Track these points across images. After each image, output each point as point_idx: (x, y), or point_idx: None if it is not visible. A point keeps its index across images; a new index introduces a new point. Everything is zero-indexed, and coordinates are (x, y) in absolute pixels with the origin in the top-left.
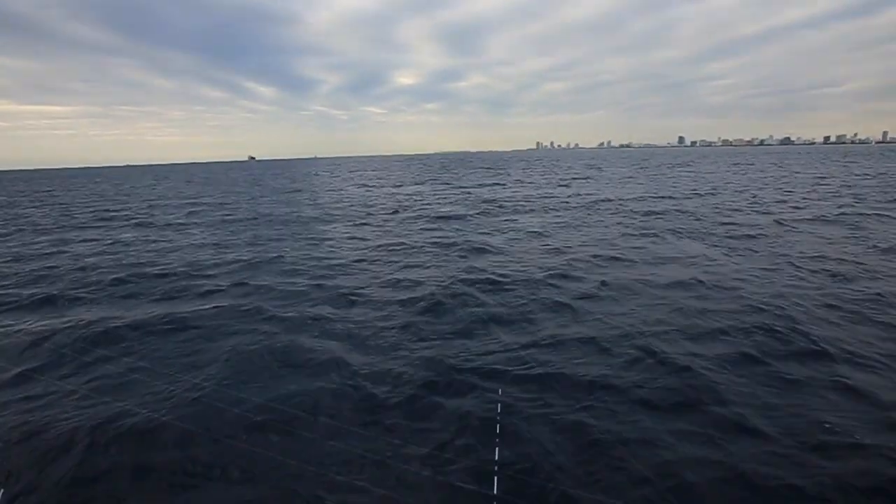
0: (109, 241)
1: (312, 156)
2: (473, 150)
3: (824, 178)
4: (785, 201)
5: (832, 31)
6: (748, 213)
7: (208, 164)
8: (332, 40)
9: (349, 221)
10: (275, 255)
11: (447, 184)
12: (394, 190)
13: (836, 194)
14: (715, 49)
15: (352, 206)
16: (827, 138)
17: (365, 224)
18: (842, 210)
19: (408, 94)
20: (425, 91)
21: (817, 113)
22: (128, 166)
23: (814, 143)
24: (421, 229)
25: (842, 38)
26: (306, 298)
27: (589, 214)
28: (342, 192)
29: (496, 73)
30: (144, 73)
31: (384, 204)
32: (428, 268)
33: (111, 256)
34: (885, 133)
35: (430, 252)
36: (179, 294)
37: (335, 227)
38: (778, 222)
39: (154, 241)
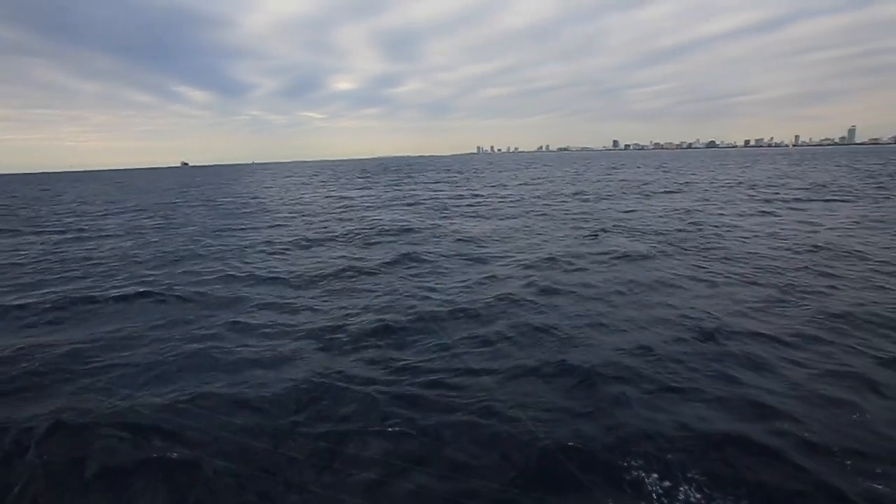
0: None
1: (250, 161)
2: (414, 154)
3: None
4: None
5: (748, 44)
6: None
7: (137, 170)
8: (268, 44)
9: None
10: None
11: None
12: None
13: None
14: (644, 58)
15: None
16: (747, 142)
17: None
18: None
19: (347, 100)
20: (364, 96)
21: (738, 119)
22: (44, 173)
23: (735, 146)
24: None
25: (757, 51)
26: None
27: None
28: (298, 200)
29: (435, 79)
30: (64, 74)
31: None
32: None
33: None
34: (796, 137)
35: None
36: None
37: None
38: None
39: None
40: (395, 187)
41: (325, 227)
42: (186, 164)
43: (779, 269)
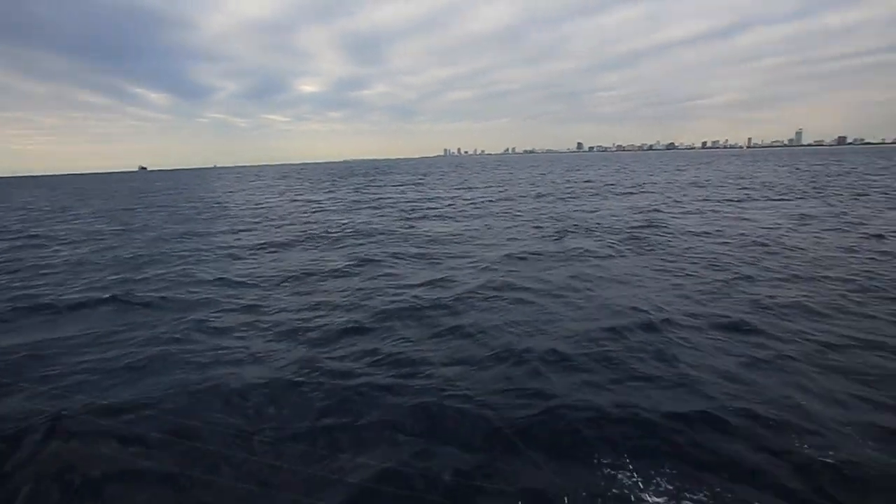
0: None
1: (212, 165)
2: (381, 157)
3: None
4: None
5: (703, 50)
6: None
7: (91, 175)
8: (229, 46)
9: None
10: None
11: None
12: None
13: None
14: (606, 62)
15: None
16: (704, 143)
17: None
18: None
19: (311, 102)
20: (329, 99)
21: (695, 122)
22: None
23: (693, 148)
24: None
25: (711, 57)
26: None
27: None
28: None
29: (401, 82)
30: (8, 74)
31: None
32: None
33: None
34: (749, 139)
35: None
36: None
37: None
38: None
39: None
40: (362, 190)
41: (291, 231)
42: (145, 168)
43: (722, 264)
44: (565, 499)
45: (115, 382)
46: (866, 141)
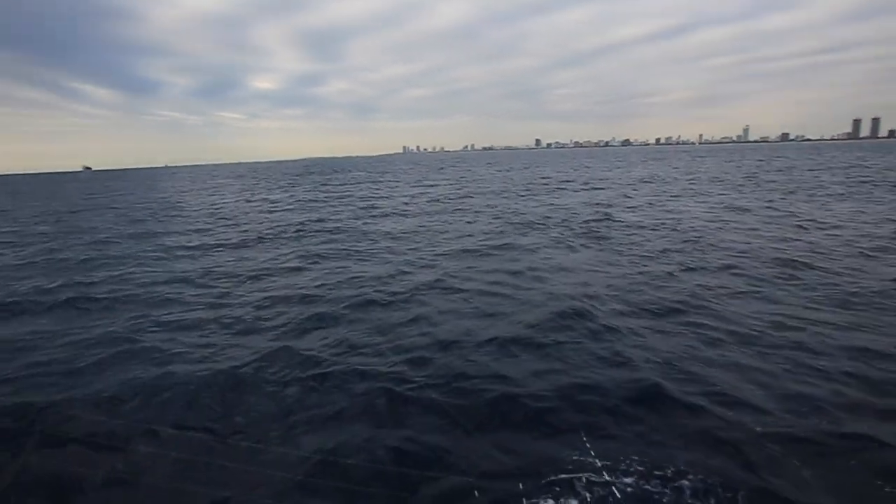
0: None
1: (163, 165)
2: (340, 155)
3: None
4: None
5: (656, 49)
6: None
7: (30, 175)
8: (180, 40)
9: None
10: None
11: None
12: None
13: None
14: (563, 60)
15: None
16: (658, 140)
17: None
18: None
19: (268, 100)
20: (286, 96)
21: (650, 118)
22: None
23: (648, 144)
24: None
25: (663, 55)
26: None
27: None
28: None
29: (359, 79)
30: None
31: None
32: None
33: None
34: (700, 135)
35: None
36: None
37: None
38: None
39: None
40: (320, 189)
41: (247, 230)
42: (89, 168)
43: (664, 254)
44: (520, 477)
45: (71, 382)
46: (806, 137)
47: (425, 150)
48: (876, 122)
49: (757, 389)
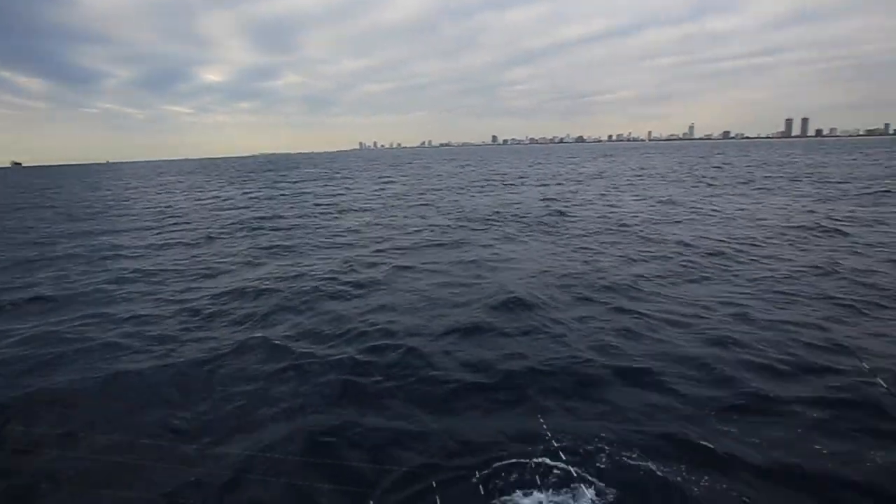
0: None
1: (104, 160)
2: (295, 151)
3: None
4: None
5: (605, 48)
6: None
7: None
8: (119, 27)
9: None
10: None
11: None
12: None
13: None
14: (517, 57)
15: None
16: (610, 136)
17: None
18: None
19: (217, 93)
20: (237, 89)
21: (602, 115)
22: None
23: (601, 141)
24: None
25: (613, 54)
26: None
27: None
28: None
29: (314, 73)
30: None
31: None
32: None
33: None
34: (650, 132)
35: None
36: None
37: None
38: None
39: None
40: (275, 185)
41: (198, 228)
42: (19, 164)
43: (606, 245)
44: (479, 456)
45: (18, 372)
46: (745, 135)
47: (382, 146)
48: (805, 121)
49: (686, 365)
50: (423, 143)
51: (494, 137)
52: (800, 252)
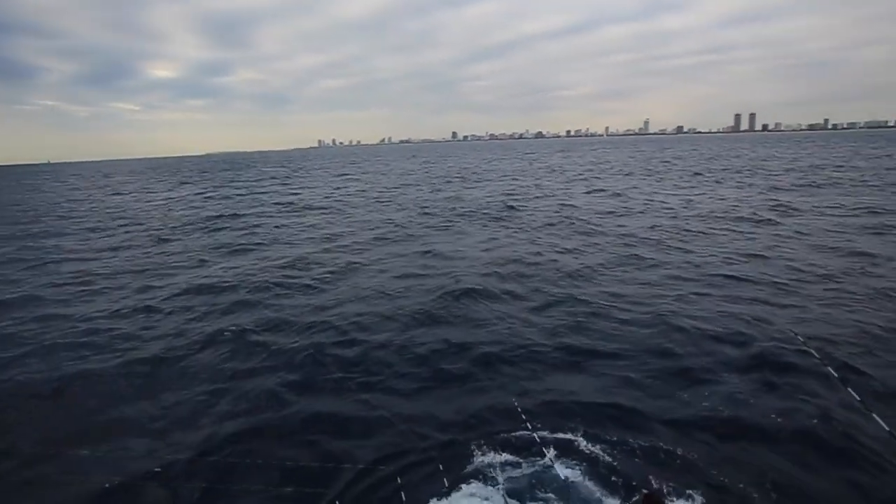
0: None
1: (45, 160)
2: (251, 149)
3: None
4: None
5: (563, 44)
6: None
7: None
8: (58, 19)
9: None
10: None
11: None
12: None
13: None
14: (477, 52)
15: None
16: (569, 132)
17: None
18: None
19: (167, 89)
20: (188, 86)
21: (560, 111)
22: None
23: (559, 136)
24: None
25: (570, 50)
26: None
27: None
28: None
29: (269, 69)
30: None
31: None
32: None
33: None
34: (607, 128)
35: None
36: None
37: None
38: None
39: None
40: (230, 185)
41: (150, 228)
42: None
43: (555, 237)
44: (450, 435)
45: None
46: (697, 130)
47: (341, 143)
48: (753, 117)
49: (585, 342)
50: (383, 139)
51: (454, 134)
52: (738, 238)
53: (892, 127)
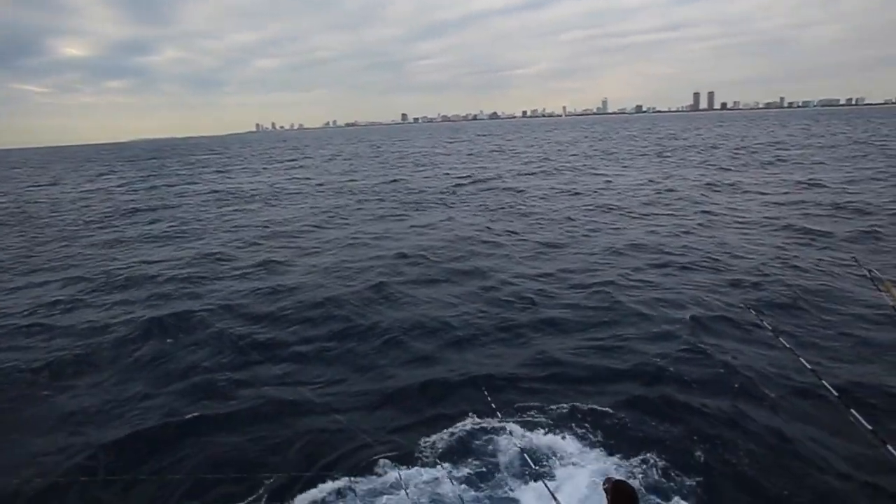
0: None
1: None
2: (182, 135)
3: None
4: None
5: (517, 20)
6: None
7: None
8: None
9: None
10: None
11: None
12: None
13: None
14: (425, 29)
15: None
16: (525, 112)
17: None
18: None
19: (81, 69)
20: (106, 66)
21: (515, 90)
22: None
23: (515, 117)
24: None
25: (524, 27)
26: None
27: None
28: None
29: (197, 47)
30: None
31: None
32: None
33: None
34: (564, 107)
35: None
36: None
37: None
38: None
39: None
40: (159, 175)
41: (69, 229)
42: None
43: (499, 224)
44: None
45: None
46: (657, 109)
47: (282, 127)
48: (711, 95)
49: (525, 316)
50: (328, 122)
51: (404, 116)
52: (671, 217)
53: (843, 105)
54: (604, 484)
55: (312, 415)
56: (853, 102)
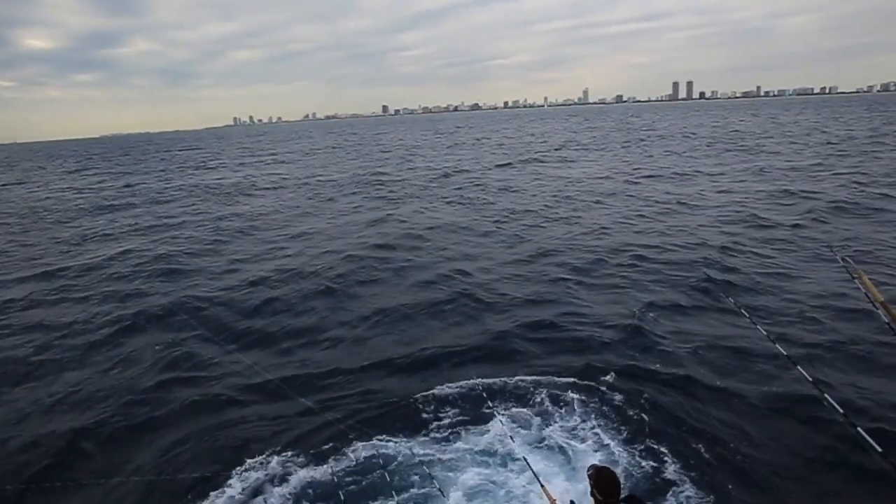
0: None
1: None
2: (156, 130)
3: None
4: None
5: (496, 10)
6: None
7: None
8: None
9: None
10: None
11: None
12: None
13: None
14: (403, 20)
15: None
16: (506, 103)
17: None
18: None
19: (47, 62)
20: (74, 59)
21: (497, 81)
22: None
23: (497, 108)
24: None
25: (503, 18)
26: None
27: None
28: None
29: (169, 39)
30: None
31: None
32: None
33: None
34: (546, 98)
35: None
36: None
37: None
38: None
39: None
40: (126, 173)
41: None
42: None
43: (469, 218)
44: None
45: None
46: (637, 99)
47: (259, 120)
48: (690, 84)
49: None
50: (307, 115)
51: (385, 108)
52: (623, 207)
53: (817, 94)
54: (588, 470)
55: (278, 400)
56: (826, 91)
